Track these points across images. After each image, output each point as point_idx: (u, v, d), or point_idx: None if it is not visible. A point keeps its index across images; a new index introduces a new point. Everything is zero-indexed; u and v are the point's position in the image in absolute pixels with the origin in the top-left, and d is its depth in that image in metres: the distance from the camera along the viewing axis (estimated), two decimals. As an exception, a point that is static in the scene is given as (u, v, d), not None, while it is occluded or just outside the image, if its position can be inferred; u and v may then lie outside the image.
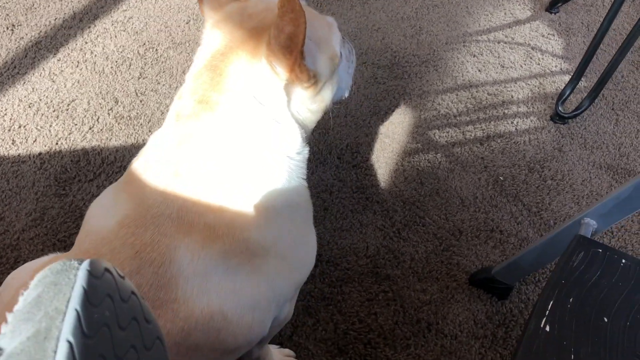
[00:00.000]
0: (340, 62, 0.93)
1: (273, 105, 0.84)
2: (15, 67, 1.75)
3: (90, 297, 0.40)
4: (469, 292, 1.41)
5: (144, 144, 0.92)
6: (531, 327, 0.89)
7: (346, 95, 1.06)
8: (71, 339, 0.37)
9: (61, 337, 0.37)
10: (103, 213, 0.88)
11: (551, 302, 0.92)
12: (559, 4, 2.21)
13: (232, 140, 0.83)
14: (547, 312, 0.91)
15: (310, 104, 0.89)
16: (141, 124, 1.67)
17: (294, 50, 0.77)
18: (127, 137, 1.63)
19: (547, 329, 0.89)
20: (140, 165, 0.88)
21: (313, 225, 1.00)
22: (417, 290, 1.40)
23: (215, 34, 0.87)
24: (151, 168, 0.86)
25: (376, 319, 1.35)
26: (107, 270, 0.44)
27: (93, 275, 0.41)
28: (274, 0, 0.87)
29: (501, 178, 1.66)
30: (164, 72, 1.83)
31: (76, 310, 0.38)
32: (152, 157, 0.87)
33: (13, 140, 1.57)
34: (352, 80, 1.09)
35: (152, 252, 0.81)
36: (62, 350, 0.37)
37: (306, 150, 0.94)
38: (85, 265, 0.42)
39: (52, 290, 0.40)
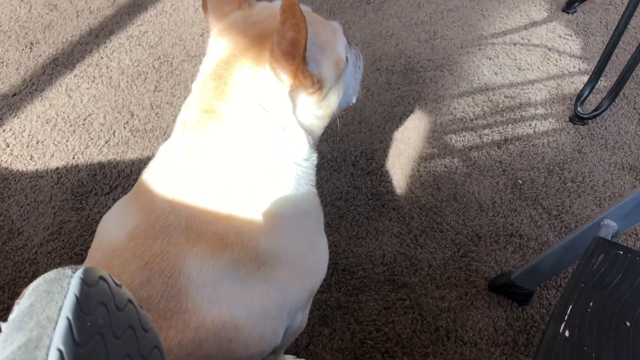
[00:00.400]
0: (346, 67, 0.92)
1: (278, 112, 0.83)
2: (33, 84, 1.79)
3: (83, 305, 0.40)
4: (489, 298, 1.38)
5: (158, 156, 0.92)
6: (550, 333, 0.86)
7: (354, 101, 1.05)
8: (62, 348, 0.37)
9: (52, 345, 0.37)
10: (114, 225, 0.88)
11: (570, 307, 0.90)
12: (576, 4, 2.17)
13: (238, 148, 0.83)
14: (567, 316, 0.88)
15: (316, 109, 0.88)
16: (157, 137, 1.68)
17: (297, 56, 0.76)
18: (143, 150, 1.65)
19: (567, 334, 0.86)
20: (149, 177, 0.88)
21: (324, 232, 0.99)
22: (436, 297, 1.38)
23: (219, 43, 0.87)
24: (159, 179, 0.86)
25: (394, 327, 1.33)
26: (102, 278, 0.44)
27: (87, 283, 0.41)
28: (278, 7, 0.87)
29: (520, 181, 1.63)
30: (179, 84, 1.84)
31: (68, 318, 0.38)
32: (160, 168, 0.87)
33: (31, 156, 1.60)
34: (360, 86, 1.08)
35: (162, 263, 0.81)
36: (53, 358, 0.36)
37: (314, 157, 0.93)
38: (78, 273, 0.41)
39: (45, 299, 0.40)
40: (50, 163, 1.58)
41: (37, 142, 1.63)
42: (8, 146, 1.61)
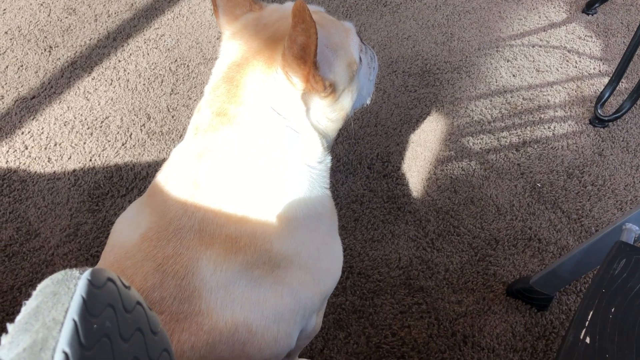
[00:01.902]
0: (359, 68, 0.91)
1: (291, 115, 0.83)
2: (52, 87, 1.80)
3: (89, 307, 0.39)
4: (507, 303, 1.36)
5: (174, 159, 0.92)
6: (570, 339, 0.84)
7: (368, 102, 1.04)
8: (67, 350, 0.36)
9: (57, 347, 0.36)
10: (127, 227, 0.88)
11: (591, 312, 0.88)
12: (597, 5, 2.14)
13: (251, 151, 0.82)
14: (587, 322, 0.86)
15: (329, 112, 0.87)
16: (173, 139, 1.68)
17: (308, 61, 0.76)
18: (159, 152, 1.65)
19: (587, 340, 0.84)
20: (162, 179, 0.88)
21: (338, 235, 0.98)
22: (452, 302, 1.36)
23: (231, 46, 0.86)
24: (172, 181, 0.86)
25: (410, 332, 1.31)
26: (110, 279, 0.43)
27: (94, 284, 0.41)
28: (289, 9, 0.86)
29: (539, 185, 1.60)
30: (195, 87, 1.84)
31: (74, 320, 0.38)
32: (173, 170, 0.87)
33: (49, 158, 1.61)
34: (374, 87, 1.07)
35: (175, 265, 0.81)
36: (58, 361, 0.36)
37: (328, 159, 0.92)
38: (86, 274, 0.41)
39: (51, 300, 0.39)
40: (67, 165, 1.60)
41: (55, 145, 1.65)
42: (26, 148, 1.63)
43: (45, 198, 1.52)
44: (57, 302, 0.39)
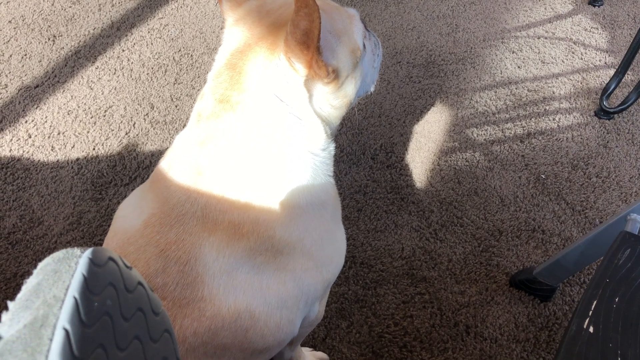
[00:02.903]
0: (363, 55, 0.90)
1: (294, 102, 0.82)
2: (55, 76, 1.80)
3: (90, 285, 0.39)
4: (510, 294, 1.35)
5: (177, 148, 0.92)
6: (573, 328, 0.84)
7: (372, 89, 1.03)
8: (68, 327, 0.36)
9: (58, 324, 0.36)
10: (130, 213, 0.88)
11: (595, 302, 0.87)
12: (603, -4, 2.13)
13: (253, 138, 0.82)
14: (591, 312, 0.86)
15: (332, 99, 0.87)
16: (176, 129, 1.68)
17: (311, 46, 0.75)
18: (163, 141, 1.65)
19: (591, 330, 0.84)
20: (165, 166, 0.88)
21: (341, 223, 0.98)
22: (455, 292, 1.36)
23: (234, 32, 0.86)
24: (175, 168, 0.85)
25: (412, 321, 1.31)
26: (111, 259, 0.43)
27: (95, 263, 0.40)
28: (292, -6, 0.86)
29: (543, 176, 1.59)
30: (198, 77, 1.84)
31: (75, 297, 0.37)
32: (176, 157, 0.87)
33: (52, 147, 1.61)
34: (378, 75, 1.06)
35: (178, 251, 0.80)
36: (58, 337, 0.36)
37: (332, 147, 0.91)
38: (87, 253, 0.41)
39: (52, 278, 0.39)
40: (71, 154, 1.59)
41: (59, 133, 1.64)
42: (30, 137, 1.63)
43: (48, 186, 1.52)
44: (57, 279, 0.39)
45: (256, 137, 0.82)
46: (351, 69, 0.87)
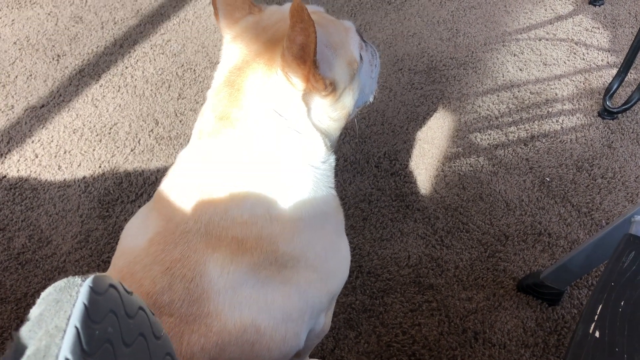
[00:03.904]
0: (360, 66, 0.91)
1: (293, 116, 0.83)
2: (60, 95, 1.82)
3: (91, 313, 0.40)
4: (517, 298, 1.35)
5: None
6: (579, 333, 0.84)
7: (371, 100, 1.04)
8: (70, 357, 0.37)
9: (60, 354, 0.37)
10: (136, 232, 0.89)
11: (600, 306, 0.87)
12: (603, -4, 2.12)
13: (254, 154, 0.83)
14: (596, 317, 0.86)
15: (331, 112, 0.88)
16: (181, 144, 1.70)
17: (307, 60, 0.76)
18: (168, 157, 1.66)
19: (597, 334, 0.84)
20: (168, 184, 0.89)
21: (345, 235, 0.98)
22: (463, 299, 1.36)
23: (232, 50, 0.87)
24: (178, 186, 0.87)
25: (420, 329, 1.31)
26: (112, 286, 0.44)
27: (96, 291, 0.41)
28: (288, 10, 0.86)
29: (548, 179, 1.59)
30: (202, 91, 1.86)
31: (76, 327, 0.38)
32: (179, 175, 0.88)
33: (59, 166, 1.63)
34: (377, 84, 1.07)
35: (183, 268, 0.81)
36: (61, 367, 0.36)
37: (332, 159, 0.92)
38: (88, 282, 0.41)
39: (54, 308, 0.40)
40: (77, 172, 1.61)
41: (65, 152, 1.66)
42: (37, 157, 1.65)
43: (56, 205, 1.53)
44: (59, 309, 0.39)
45: (257, 152, 0.83)
46: (348, 81, 0.88)
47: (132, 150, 1.67)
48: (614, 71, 1.83)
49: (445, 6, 2.15)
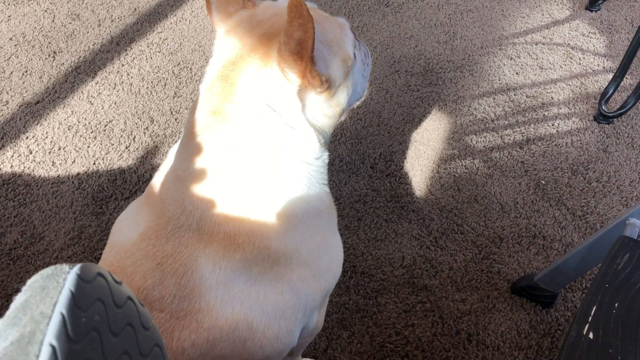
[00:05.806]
0: (354, 64, 0.91)
1: (287, 111, 0.82)
2: (55, 91, 1.81)
3: (78, 301, 0.39)
4: (511, 301, 1.35)
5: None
6: (573, 334, 0.83)
7: (363, 98, 1.04)
8: (55, 343, 0.36)
9: (45, 341, 0.36)
10: (126, 227, 0.89)
11: (594, 308, 0.87)
12: (600, 1, 2.13)
13: (247, 149, 0.82)
14: (590, 318, 0.85)
15: (325, 108, 0.87)
16: (176, 142, 1.68)
17: (304, 56, 0.75)
18: (163, 154, 1.66)
19: (591, 336, 0.83)
20: (159, 179, 0.88)
21: (337, 232, 0.98)
22: (456, 300, 1.35)
23: (225, 44, 0.86)
24: (170, 181, 0.86)
25: (414, 330, 1.30)
26: (100, 274, 0.43)
27: (83, 279, 0.41)
28: (283, 5, 0.86)
29: (543, 182, 1.59)
30: (198, 90, 1.85)
31: (62, 314, 0.37)
32: (171, 170, 0.87)
33: (53, 162, 1.62)
34: (368, 84, 1.07)
35: (174, 263, 0.81)
36: (45, 354, 0.36)
37: (325, 155, 0.92)
38: (75, 269, 0.41)
39: (40, 295, 0.39)
40: (71, 169, 1.60)
41: (59, 149, 1.65)
42: (31, 153, 1.64)
43: (49, 201, 1.52)
44: (45, 296, 0.39)
45: (250, 148, 0.82)
46: (343, 78, 0.88)
47: (126, 148, 1.66)
48: (610, 76, 1.84)
49: (443, 9, 2.15)
